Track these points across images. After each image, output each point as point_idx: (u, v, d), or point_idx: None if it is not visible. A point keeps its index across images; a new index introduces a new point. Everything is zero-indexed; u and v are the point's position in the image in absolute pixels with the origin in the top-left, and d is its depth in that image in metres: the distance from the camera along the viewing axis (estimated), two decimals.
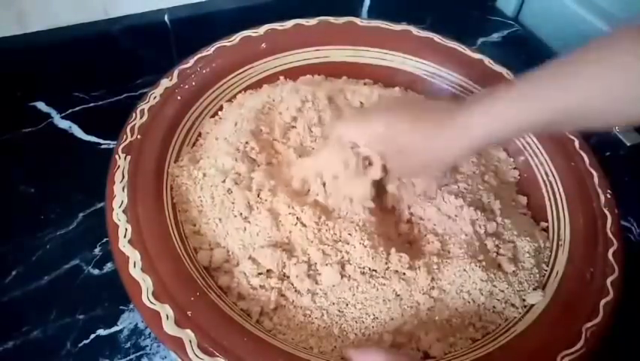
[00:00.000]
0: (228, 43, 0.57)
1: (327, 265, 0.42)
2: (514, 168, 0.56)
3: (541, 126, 0.40)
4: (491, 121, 0.39)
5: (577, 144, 0.53)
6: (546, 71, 0.37)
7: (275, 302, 0.41)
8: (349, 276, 0.42)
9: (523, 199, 0.54)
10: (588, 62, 0.35)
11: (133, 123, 0.48)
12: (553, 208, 0.51)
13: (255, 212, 0.44)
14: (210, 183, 0.46)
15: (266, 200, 0.45)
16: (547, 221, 0.51)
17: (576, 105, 0.35)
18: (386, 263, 0.43)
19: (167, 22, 0.65)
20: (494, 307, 0.43)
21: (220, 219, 0.44)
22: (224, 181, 0.46)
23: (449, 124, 0.40)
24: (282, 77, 0.60)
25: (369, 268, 0.43)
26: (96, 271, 0.49)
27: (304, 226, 0.43)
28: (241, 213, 0.44)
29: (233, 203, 0.45)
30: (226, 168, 0.47)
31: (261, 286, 0.41)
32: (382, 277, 0.43)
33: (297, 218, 0.44)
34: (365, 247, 0.43)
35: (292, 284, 0.42)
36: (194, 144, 0.52)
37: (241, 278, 0.41)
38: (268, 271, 0.42)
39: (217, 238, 0.44)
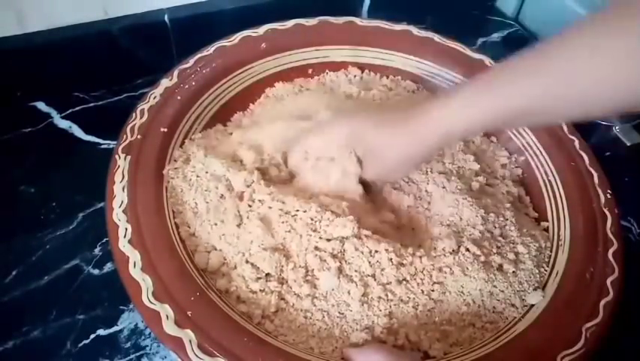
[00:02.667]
0: (228, 43, 0.57)
1: (324, 270, 0.41)
2: (517, 167, 0.56)
3: (512, 118, 0.37)
4: (451, 115, 0.38)
5: (577, 144, 0.53)
6: (522, 58, 0.35)
7: (275, 305, 0.40)
8: (348, 280, 0.42)
9: (526, 199, 0.54)
10: (569, 46, 0.32)
11: (133, 123, 0.48)
12: (553, 208, 0.51)
13: (246, 220, 0.43)
14: (205, 187, 0.46)
15: (258, 209, 0.44)
16: (547, 221, 0.51)
17: (550, 94, 0.33)
18: (385, 268, 0.43)
19: (167, 22, 0.65)
20: (494, 307, 0.43)
21: (215, 224, 0.44)
22: (217, 187, 0.45)
23: (412, 121, 0.40)
24: None
25: (368, 274, 0.42)
26: (96, 271, 0.49)
27: (298, 235, 0.43)
28: (234, 220, 0.44)
29: (226, 208, 0.44)
30: (218, 174, 0.46)
31: (260, 290, 0.41)
32: (382, 280, 0.42)
33: (290, 226, 0.43)
34: (363, 254, 0.42)
35: (291, 288, 0.41)
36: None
37: (240, 282, 0.41)
38: (267, 274, 0.41)
39: (212, 241, 0.43)
